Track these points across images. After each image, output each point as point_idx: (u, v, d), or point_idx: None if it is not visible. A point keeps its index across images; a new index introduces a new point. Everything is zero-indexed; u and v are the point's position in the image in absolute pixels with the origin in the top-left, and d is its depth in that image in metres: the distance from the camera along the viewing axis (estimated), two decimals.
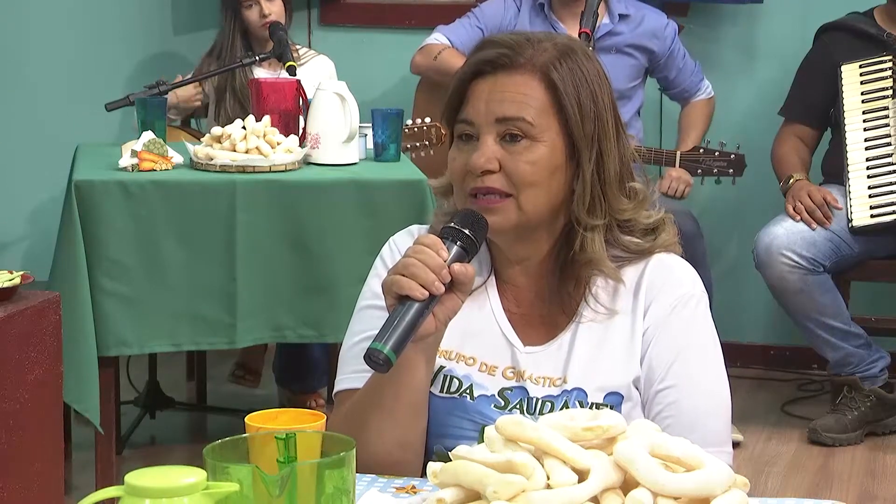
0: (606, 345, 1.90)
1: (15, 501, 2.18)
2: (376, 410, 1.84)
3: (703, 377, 1.90)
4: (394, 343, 1.70)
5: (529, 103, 1.85)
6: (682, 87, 4.79)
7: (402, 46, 4.95)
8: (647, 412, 1.89)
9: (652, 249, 1.93)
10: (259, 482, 1.35)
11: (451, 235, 1.80)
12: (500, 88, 1.86)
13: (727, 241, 5.19)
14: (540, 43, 1.88)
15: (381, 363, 1.70)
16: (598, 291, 1.91)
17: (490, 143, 1.85)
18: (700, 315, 1.92)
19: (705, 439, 1.81)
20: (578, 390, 1.88)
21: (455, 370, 1.92)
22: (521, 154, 1.85)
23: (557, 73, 1.86)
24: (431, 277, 1.73)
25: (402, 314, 1.72)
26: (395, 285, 1.74)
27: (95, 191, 3.55)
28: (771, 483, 4.05)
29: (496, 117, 1.85)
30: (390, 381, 1.80)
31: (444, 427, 1.90)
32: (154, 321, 3.60)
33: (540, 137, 1.85)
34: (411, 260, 1.75)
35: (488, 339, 1.93)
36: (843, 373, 4.42)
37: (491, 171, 1.85)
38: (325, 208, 3.65)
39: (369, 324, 1.93)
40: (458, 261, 1.77)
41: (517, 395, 1.90)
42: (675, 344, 1.89)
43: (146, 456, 4.24)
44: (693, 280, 1.94)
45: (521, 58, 1.87)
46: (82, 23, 5.38)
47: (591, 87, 1.87)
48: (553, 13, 4.66)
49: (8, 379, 2.17)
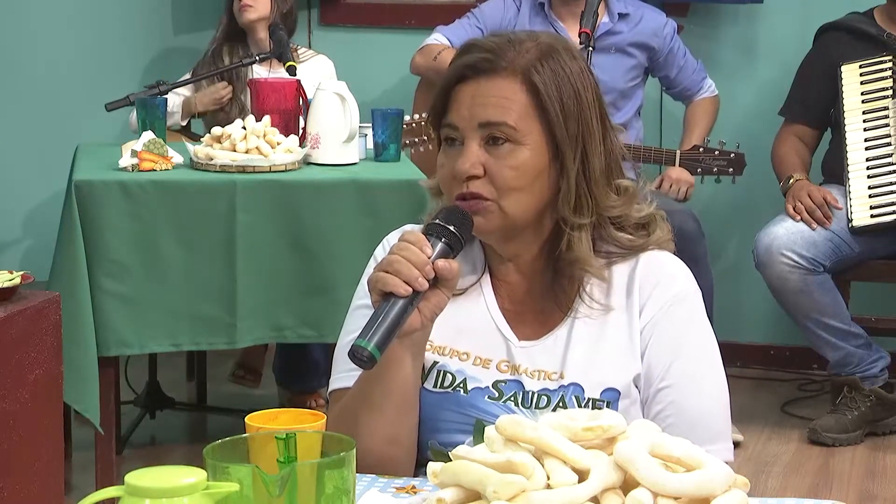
0: (604, 341, 1.91)
1: (15, 501, 2.18)
2: (365, 408, 1.85)
3: (703, 374, 1.91)
4: (378, 340, 1.70)
5: (511, 107, 1.86)
6: (683, 85, 4.79)
7: (402, 46, 4.95)
8: (646, 410, 1.90)
9: (645, 246, 1.94)
10: (259, 482, 1.35)
11: (435, 232, 1.81)
12: (483, 93, 1.87)
13: (727, 241, 5.19)
14: (522, 44, 1.89)
15: (366, 360, 1.70)
16: (592, 288, 1.92)
17: (474, 148, 1.86)
18: (696, 311, 1.93)
19: (707, 436, 1.83)
20: (575, 385, 1.89)
21: (448, 365, 1.93)
22: (505, 159, 1.86)
23: (539, 75, 1.86)
24: (415, 274, 1.74)
25: (385, 311, 1.73)
26: (380, 282, 1.75)
27: (95, 191, 3.55)
28: (771, 483, 4.05)
29: (479, 122, 1.86)
30: (378, 378, 1.81)
31: (438, 422, 1.90)
32: (154, 321, 3.60)
33: (523, 141, 1.86)
34: (395, 257, 1.76)
35: (482, 334, 1.94)
36: (843, 373, 4.42)
37: (476, 177, 1.86)
38: (325, 208, 3.65)
39: (362, 322, 1.94)
40: (442, 257, 1.78)
41: (512, 388, 1.91)
42: (674, 342, 1.90)
43: (146, 456, 4.23)
44: (686, 276, 1.95)
45: (503, 61, 1.87)
46: (82, 23, 5.39)
47: (573, 87, 1.88)
48: (553, 13, 4.67)
49: (8, 379, 2.17)
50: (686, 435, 1.52)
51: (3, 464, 2.16)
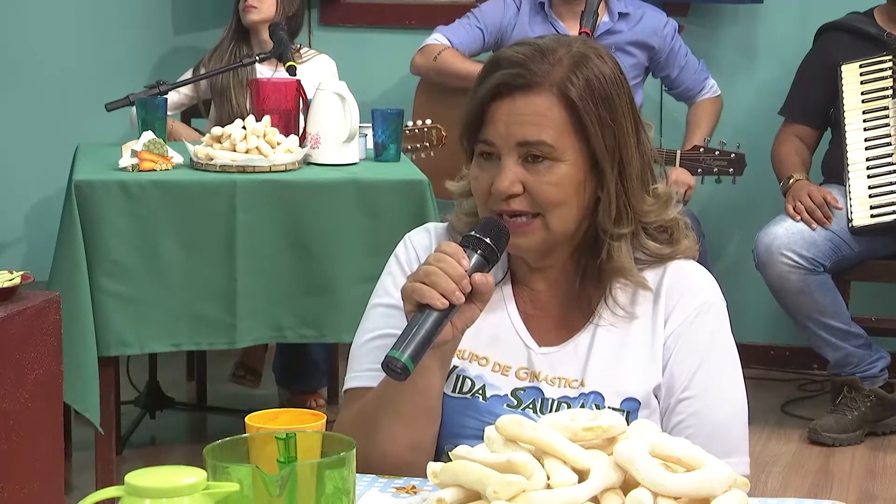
0: (626, 350, 1.89)
1: (15, 501, 2.18)
2: (389, 414, 1.84)
3: (725, 386, 1.90)
4: (412, 352, 1.70)
5: (548, 125, 1.83)
6: (685, 86, 4.78)
7: (402, 46, 4.95)
8: (665, 421, 1.88)
9: (673, 255, 1.92)
10: (259, 482, 1.35)
11: (472, 244, 1.79)
12: (519, 111, 1.84)
13: (727, 241, 5.19)
14: (553, 53, 1.86)
15: (399, 371, 1.70)
16: (618, 294, 1.90)
17: (511, 165, 1.84)
18: (721, 323, 1.93)
19: (725, 448, 1.81)
20: (596, 394, 1.87)
21: (468, 370, 1.91)
22: (544, 175, 1.84)
23: (574, 89, 1.84)
24: (452, 287, 1.73)
25: (420, 322, 1.72)
26: (416, 293, 1.74)
27: (95, 191, 3.55)
28: (771, 483, 4.05)
29: (517, 141, 1.84)
30: (405, 385, 1.79)
31: (456, 427, 1.89)
32: (154, 321, 3.59)
33: (561, 157, 1.84)
34: (432, 268, 1.74)
35: (502, 339, 1.93)
36: (843, 373, 4.42)
37: (515, 195, 1.84)
38: (325, 208, 3.65)
39: (381, 322, 1.94)
40: (478, 270, 1.77)
41: (531, 395, 1.89)
42: (698, 352, 1.89)
43: (146, 456, 4.23)
44: (713, 287, 1.94)
45: (537, 76, 1.84)
46: (83, 23, 5.39)
47: (608, 95, 1.85)
48: (553, 12, 4.66)
49: (8, 379, 2.16)
50: (704, 446, 1.50)
51: (3, 464, 2.16)
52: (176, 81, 4.48)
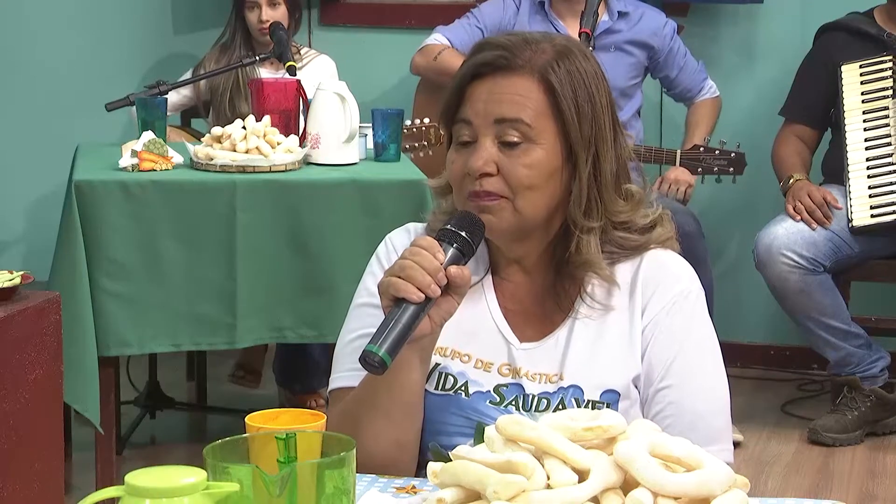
0: (603, 342, 1.90)
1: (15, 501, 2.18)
2: (371, 410, 1.84)
3: (704, 375, 1.90)
4: (389, 345, 1.70)
5: (527, 105, 1.85)
6: (684, 86, 4.78)
7: (402, 46, 4.95)
8: (646, 411, 1.89)
9: (647, 245, 1.93)
10: (259, 482, 1.35)
11: (447, 237, 1.80)
12: (499, 90, 1.86)
13: (727, 241, 5.19)
14: (538, 44, 1.88)
15: (377, 365, 1.70)
16: (594, 288, 1.91)
17: (488, 145, 1.86)
18: (699, 311, 1.92)
19: (706, 437, 1.81)
20: (575, 387, 1.88)
21: (450, 367, 1.92)
22: (519, 157, 1.85)
23: (555, 75, 1.86)
24: (428, 280, 1.74)
25: (397, 316, 1.73)
26: (392, 287, 1.74)
27: (95, 191, 3.55)
28: (771, 483, 4.05)
29: (494, 118, 1.85)
30: (385, 381, 1.80)
31: (439, 424, 1.90)
32: (154, 321, 3.60)
33: (537, 140, 1.85)
34: (408, 262, 1.75)
35: (484, 335, 1.93)
36: (844, 373, 4.42)
37: (489, 174, 1.85)
38: (325, 208, 3.65)
39: (364, 321, 1.94)
40: (454, 263, 1.78)
41: (513, 392, 1.90)
42: (675, 342, 1.89)
43: (146, 456, 4.23)
44: (690, 276, 1.94)
45: (520, 59, 1.86)
46: (83, 23, 5.39)
47: (588, 89, 1.87)
48: (553, 11, 4.66)
49: (8, 379, 2.17)
50: (685, 435, 1.51)
51: (3, 464, 2.16)
52: (176, 81, 4.48)
